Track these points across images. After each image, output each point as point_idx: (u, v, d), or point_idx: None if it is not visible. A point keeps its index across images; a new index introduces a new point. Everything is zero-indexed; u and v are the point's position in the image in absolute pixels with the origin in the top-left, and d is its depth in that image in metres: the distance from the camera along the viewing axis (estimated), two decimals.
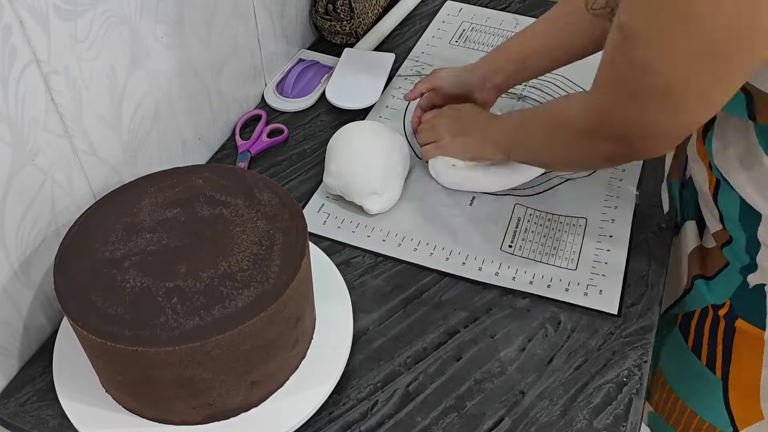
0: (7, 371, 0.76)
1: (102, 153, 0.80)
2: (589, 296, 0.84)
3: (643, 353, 0.79)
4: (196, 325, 0.62)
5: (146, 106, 0.85)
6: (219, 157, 1.02)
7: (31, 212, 0.73)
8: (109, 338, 0.61)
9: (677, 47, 0.56)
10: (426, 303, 0.84)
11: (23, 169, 0.70)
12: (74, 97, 0.73)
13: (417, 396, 0.75)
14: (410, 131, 1.06)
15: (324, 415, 0.73)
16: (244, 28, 1.02)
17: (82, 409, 0.70)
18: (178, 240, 0.69)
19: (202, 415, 0.68)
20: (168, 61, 0.86)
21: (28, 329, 0.77)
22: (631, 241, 0.90)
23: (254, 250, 0.68)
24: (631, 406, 0.74)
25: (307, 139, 1.05)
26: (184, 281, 0.65)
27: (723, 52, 0.55)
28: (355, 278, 0.86)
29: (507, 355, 0.79)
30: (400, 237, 0.91)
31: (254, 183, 0.74)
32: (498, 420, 0.73)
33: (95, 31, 0.73)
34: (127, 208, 0.72)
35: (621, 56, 0.62)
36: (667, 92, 0.59)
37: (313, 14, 1.20)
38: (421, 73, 1.16)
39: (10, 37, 0.63)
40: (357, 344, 0.79)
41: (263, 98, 1.12)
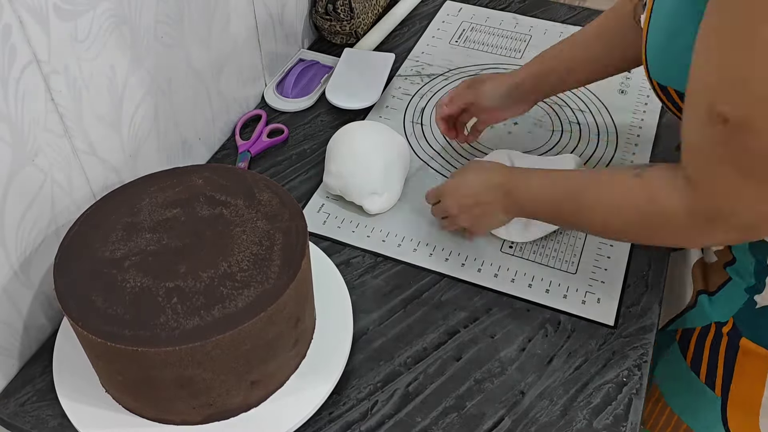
0: (7, 371, 0.76)
1: (102, 153, 0.80)
2: (587, 305, 0.83)
3: (643, 353, 0.79)
4: (196, 325, 0.62)
5: (146, 106, 0.85)
6: (219, 157, 1.02)
7: (31, 212, 0.73)
8: (109, 338, 0.61)
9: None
10: (426, 303, 0.84)
11: (23, 169, 0.70)
12: (74, 97, 0.73)
13: (417, 396, 0.75)
14: (410, 131, 1.06)
15: (324, 415, 0.73)
16: (244, 28, 1.02)
17: (82, 409, 0.70)
18: (178, 240, 0.69)
19: (202, 415, 0.68)
20: (168, 61, 0.86)
21: (28, 329, 0.77)
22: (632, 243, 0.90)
23: (254, 250, 0.68)
24: (631, 406, 0.74)
25: (307, 139, 1.05)
26: (184, 281, 0.65)
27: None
28: (355, 278, 0.86)
29: (507, 355, 0.79)
30: (399, 237, 0.91)
31: (254, 183, 0.74)
32: (498, 420, 0.73)
33: (95, 31, 0.73)
34: (127, 208, 0.72)
35: (733, 149, 0.59)
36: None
37: (313, 14, 1.20)
38: (421, 73, 1.16)
39: (10, 37, 0.63)
40: (357, 344, 0.79)
41: (263, 98, 1.12)
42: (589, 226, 0.77)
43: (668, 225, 0.67)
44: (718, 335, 0.81)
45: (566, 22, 1.28)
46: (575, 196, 0.74)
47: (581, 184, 0.75)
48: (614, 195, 0.71)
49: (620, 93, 1.13)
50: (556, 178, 0.78)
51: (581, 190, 0.74)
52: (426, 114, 1.09)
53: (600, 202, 0.72)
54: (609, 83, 1.14)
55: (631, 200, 0.69)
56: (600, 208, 0.72)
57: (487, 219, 0.84)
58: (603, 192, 0.72)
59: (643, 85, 1.14)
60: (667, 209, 0.66)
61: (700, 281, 0.85)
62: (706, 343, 0.82)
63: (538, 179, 0.79)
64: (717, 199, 0.62)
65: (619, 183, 0.70)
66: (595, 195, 0.73)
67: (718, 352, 0.81)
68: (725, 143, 0.59)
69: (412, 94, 1.13)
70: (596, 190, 0.73)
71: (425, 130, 1.06)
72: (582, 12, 1.31)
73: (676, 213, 0.65)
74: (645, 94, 1.13)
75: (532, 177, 0.80)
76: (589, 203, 0.73)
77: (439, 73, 1.16)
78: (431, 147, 1.03)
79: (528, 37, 1.24)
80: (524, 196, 0.79)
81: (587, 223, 0.76)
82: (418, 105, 1.10)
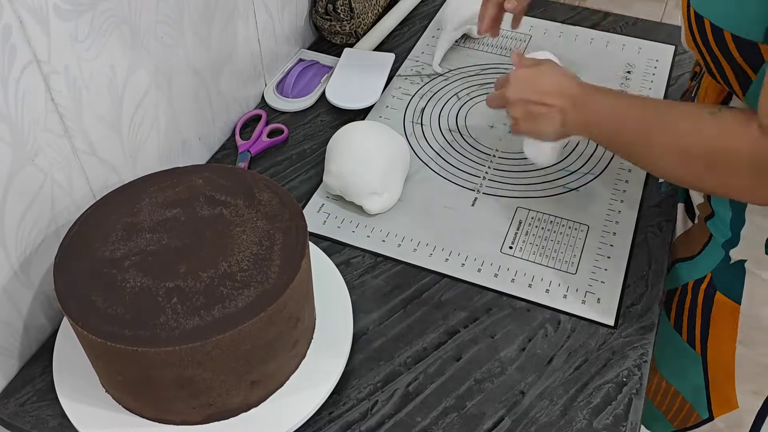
0: (7, 371, 0.76)
1: (102, 153, 0.80)
2: (587, 305, 0.83)
3: (643, 353, 0.79)
4: (196, 325, 0.62)
5: (146, 106, 0.85)
6: (219, 157, 1.02)
7: (31, 212, 0.73)
8: (109, 338, 0.61)
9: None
10: (426, 303, 0.84)
11: (23, 169, 0.70)
12: (74, 97, 0.73)
13: (417, 396, 0.75)
14: (410, 131, 1.06)
15: (324, 415, 0.73)
16: (244, 28, 1.02)
17: (82, 409, 0.70)
18: (178, 240, 0.69)
19: (202, 415, 0.68)
20: (168, 62, 0.86)
21: (28, 329, 0.77)
22: (632, 242, 0.90)
23: (254, 250, 0.68)
24: (631, 406, 0.74)
25: (306, 139, 1.05)
26: (184, 281, 0.65)
27: None
28: (355, 278, 0.86)
29: (507, 355, 0.79)
30: (399, 237, 0.91)
31: (254, 183, 0.74)
32: (498, 420, 0.73)
33: (95, 31, 0.73)
34: (127, 208, 0.72)
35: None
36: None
37: (313, 14, 1.20)
38: (421, 73, 1.16)
39: (10, 37, 0.63)
40: (357, 344, 0.79)
41: (263, 98, 1.12)
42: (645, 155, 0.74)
43: (731, 166, 0.66)
44: (695, 293, 0.83)
45: (566, 22, 1.28)
46: (640, 120, 0.73)
47: (654, 111, 0.73)
48: (685, 125, 0.69)
49: None
50: (628, 99, 0.77)
51: (653, 117, 0.72)
52: (426, 114, 1.09)
53: (664, 130, 0.70)
54: (609, 84, 1.14)
55: (701, 133, 0.67)
56: (663, 137, 0.70)
57: (542, 122, 0.80)
58: (674, 121, 0.70)
59: (643, 85, 1.14)
60: (734, 149, 0.65)
61: (680, 250, 0.88)
62: (686, 301, 0.85)
63: (609, 96, 0.77)
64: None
65: (692, 115, 0.69)
66: (665, 122, 0.71)
67: (696, 310, 0.83)
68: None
69: (412, 94, 1.13)
70: (668, 119, 0.71)
71: (425, 130, 1.06)
72: (582, 12, 1.31)
73: (741, 155, 0.64)
74: (645, 94, 1.13)
75: (607, 95, 0.78)
76: (651, 129, 0.71)
77: (438, 73, 1.16)
78: (431, 147, 1.03)
79: (528, 37, 1.24)
80: (593, 110, 0.77)
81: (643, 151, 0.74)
82: (418, 105, 1.10)
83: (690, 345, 0.85)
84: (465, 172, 1.00)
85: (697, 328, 0.84)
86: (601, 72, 1.16)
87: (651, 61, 1.19)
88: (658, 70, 1.17)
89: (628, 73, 1.16)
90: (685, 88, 1.08)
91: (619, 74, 1.16)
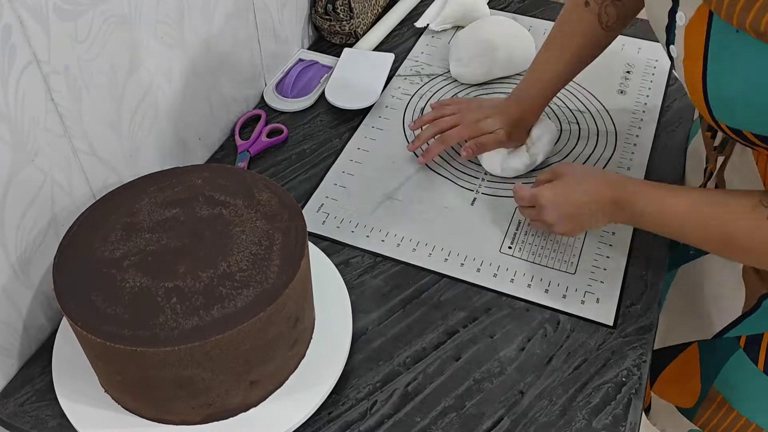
0: (6, 371, 0.76)
1: (102, 153, 0.80)
2: (586, 305, 0.83)
3: (643, 353, 0.79)
4: (195, 325, 0.62)
5: (146, 106, 0.85)
6: (218, 157, 1.02)
7: (31, 212, 0.73)
8: (108, 338, 0.61)
9: None
10: (425, 303, 0.84)
11: (23, 169, 0.70)
12: (74, 97, 0.73)
13: (416, 396, 0.75)
14: (410, 131, 1.06)
15: (323, 415, 0.73)
16: (244, 28, 1.02)
17: (82, 409, 0.70)
18: (177, 240, 0.69)
19: (202, 415, 0.68)
20: (168, 61, 0.87)
21: (27, 329, 0.77)
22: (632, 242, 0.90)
23: (253, 250, 0.68)
24: (630, 405, 0.74)
25: (306, 139, 1.05)
26: (183, 281, 0.65)
27: None
28: (354, 278, 0.86)
29: (506, 354, 0.79)
30: (399, 237, 0.91)
31: (254, 183, 0.74)
32: (497, 420, 0.73)
33: (95, 31, 0.73)
34: (126, 208, 0.72)
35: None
36: None
37: (312, 14, 1.20)
38: (421, 73, 1.16)
39: (10, 37, 0.63)
40: (356, 344, 0.79)
41: (263, 98, 1.12)
42: (711, 249, 0.78)
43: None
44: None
45: None
46: (699, 226, 0.73)
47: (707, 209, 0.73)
48: (743, 226, 0.69)
49: (620, 93, 1.13)
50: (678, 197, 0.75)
51: (706, 220, 0.72)
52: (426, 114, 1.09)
53: (727, 234, 0.71)
54: (609, 84, 1.14)
55: (762, 235, 0.68)
56: (727, 241, 0.71)
57: (587, 224, 0.83)
58: (732, 221, 0.70)
59: (643, 85, 1.14)
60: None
61: (759, 285, 0.81)
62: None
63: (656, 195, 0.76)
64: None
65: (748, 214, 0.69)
66: (722, 227, 0.71)
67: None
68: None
69: (412, 94, 1.13)
70: (724, 221, 0.71)
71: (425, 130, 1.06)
72: None
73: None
74: (645, 94, 1.13)
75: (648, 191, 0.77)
76: (713, 234, 0.72)
77: (438, 73, 1.17)
78: None
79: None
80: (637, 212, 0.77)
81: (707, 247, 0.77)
82: (417, 105, 1.11)
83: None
84: (464, 172, 1.00)
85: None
86: (601, 72, 1.16)
87: (651, 61, 1.19)
88: (658, 70, 1.17)
89: (628, 73, 1.16)
90: (680, 107, 1.08)
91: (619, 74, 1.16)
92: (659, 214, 0.76)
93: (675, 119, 1.09)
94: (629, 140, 1.05)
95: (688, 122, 1.08)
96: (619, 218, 0.80)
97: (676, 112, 1.09)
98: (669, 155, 1.03)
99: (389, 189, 0.97)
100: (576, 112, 1.09)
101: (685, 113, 1.09)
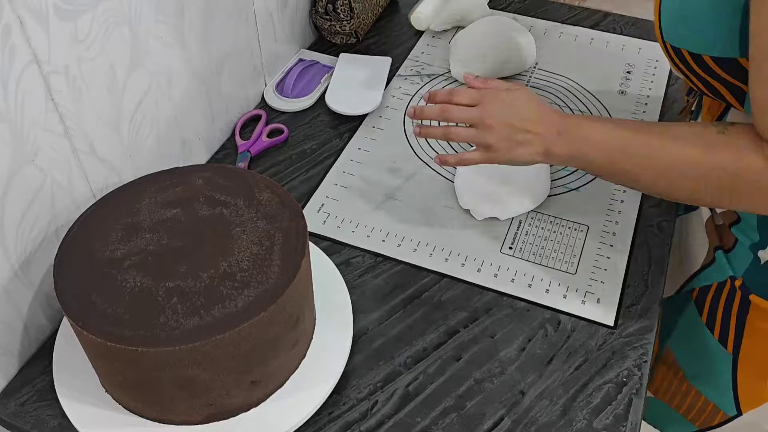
0: (7, 371, 0.76)
1: (102, 153, 0.80)
2: (587, 305, 0.83)
3: (643, 353, 0.79)
4: (196, 325, 0.62)
5: (146, 106, 0.85)
6: (219, 157, 1.02)
7: (31, 212, 0.73)
8: (109, 338, 0.61)
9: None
10: (426, 303, 0.84)
11: (23, 169, 0.70)
12: (74, 97, 0.73)
13: (417, 396, 0.75)
14: (410, 131, 1.06)
15: (324, 415, 0.73)
16: (244, 28, 1.02)
17: (82, 409, 0.70)
18: (178, 240, 0.69)
19: (202, 415, 0.68)
20: (168, 61, 0.86)
21: (28, 329, 0.77)
22: (632, 242, 0.90)
23: (254, 250, 0.68)
24: (631, 406, 0.74)
25: (307, 139, 1.05)
26: (184, 281, 0.65)
27: None
28: (355, 278, 0.86)
29: (507, 355, 0.79)
30: (399, 237, 0.91)
31: (254, 183, 0.74)
32: (498, 420, 0.73)
33: (95, 31, 0.73)
34: (127, 208, 0.72)
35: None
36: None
37: (313, 14, 1.20)
38: (421, 73, 1.16)
39: (10, 37, 0.63)
40: (357, 344, 0.79)
41: (263, 98, 1.12)
42: (653, 182, 0.71)
43: (753, 187, 0.65)
44: (732, 290, 0.80)
45: (566, 22, 1.28)
46: (644, 147, 0.70)
47: (659, 137, 0.69)
48: (696, 150, 0.67)
49: (620, 94, 1.13)
50: (624, 124, 0.72)
51: (652, 141, 0.69)
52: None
53: (675, 156, 0.68)
54: (609, 84, 1.14)
55: (716, 158, 0.66)
56: (675, 164, 0.68)
57: (522, 150, 0.75)
58: (683, 146, 0.67)
59: (643, 85, 1.14)
60: (754, 171, 0.64)
61: (716, 238, 0.84)
62: (721, 298, 0.82)
63: (601, 123, 0.73)
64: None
65: (701, 138, 0.67)
66: (670, 148, 0.68)
67: (732, 308, 0.81)
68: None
69: (412, 94, 1.13)
70: (676, 144, 0.68)
71: None
72: (581, 12, 1.31)
73: (762, 176, 0.64)
74: (645, 94, 1.13)
75: (598, 123, 0.74)
76: (659, 155, 0.68)
77: (439, 74, 1.17)
78: (431, 147, 1.03)
79: None
80: (583, 139, 0.73)
81: (651, 179, 0.71)
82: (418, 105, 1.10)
83: (722, 344, 0.83)
84: None
85: (732, 326, 0.82)
86: (601, 72, 1.16)
87: (651, 61, 1.19)
88: (658, 70, 1.17)
89: (628, 73, 1.16)
90: (682, 105, 1.08)
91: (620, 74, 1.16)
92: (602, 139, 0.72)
93: (676, 119, 1.09)
94: None
95: None
96: (560, 148, 0.74)
97: (677, 113, 1.09)
98: None
99: (390, 189, 0.97)
100: (577, 113, 1.09)
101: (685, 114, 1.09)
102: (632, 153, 0.71)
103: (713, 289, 0.84)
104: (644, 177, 0.72)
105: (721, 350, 0.83)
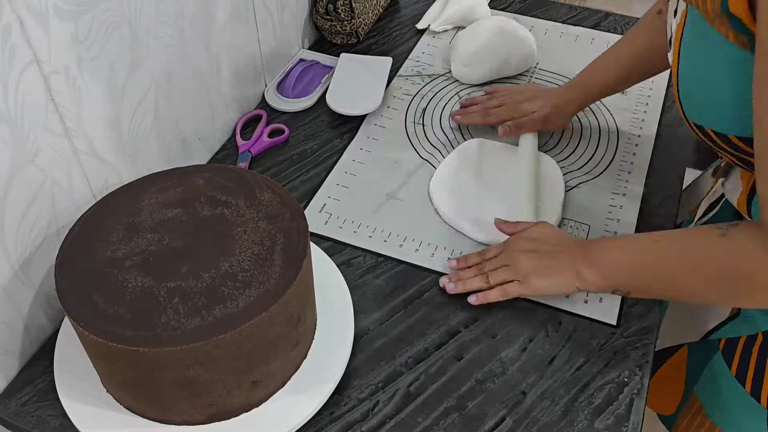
0: (8, 371, 0.76)
1: (102, 153, 0.80)
2: (589, 304, 0.83)
3: (645, 353, 0.78)
4: (197, 326, 0.61)
5: (146, 106, 0.85)
6: (220, 157, 1.02)
7: (31, 212, 0.72)
8: (110, 338, 0.61)
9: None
10: (427, 303, 0.83)
11: (23, 169, 0.69)
12: (74, 97, 0.73)
13: (418, 396, 0.75)
14: (412, 131, 1.06)
15: (325, 415, 0.73)
16: (244, 28, 1.02)
17: (83, 409, 0.70)
18: (179, 240, 0.69)
19: (204, 415, 0.68)
20: (168, 61, 0.86)
21: (28, 329, 0.77)
22: None
23: (255, 251, 0.67)
24: (633, 406, 0.74)
25: (307, 139, 1.05)
26: (185, 281, 0.65)
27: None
28: (356, 278, 0.86)
29: (508, 355, 0.79)
30: (401, 237, 0.91)
31: (255, 183, 0.74)
32: (499, 420, 0.73)
33: (95, 31, 0.73)
34: (128, 209, 0.72)
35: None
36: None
37: (313, 14, 1.20)
38: (422, 73, 1.16)
39: (10, 37, 0.63)
40: (358, 344, 0.79)
41: (264, 98, 1.12)
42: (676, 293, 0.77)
43: (757, 287, 0.66)
44: (764, 345, 0.78)
45: (566, 22, 1.28)
46: (665, 266, 0.73)
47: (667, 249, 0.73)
48: (699, 257, 0.69)
49: (621, 93, 1.12)
50: (641, 242, 0.77)
51: (668, 256, 0.73)
52: (427, 114, 1.09)
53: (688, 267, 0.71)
54: None
55: (717, 261, 0.68)
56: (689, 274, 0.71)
57: (552, 274, 0.80)
58: (688, 255, 0.70)
59: (644, 85, 1.14)
60: (758, 272, 0.64)
61: None
62: (752, 351, 0.80)
63: (620, 243, 0.79)
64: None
65: (703, 243, 0.69)
66: (681, 259, 0.71)
67: (766, 361, 0.78)
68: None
69: (413, 94, 1.12)
70: (682, 254, 0.71)
71: (426, 130, 1.06)
72: (582, 12, 1.31)
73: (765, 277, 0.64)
74: (645, 94, 1.13)
75: (613, 240, 0.80)
76: (679, 271, 0.71)
77: (439, 74, 1.16)
78: (433, 146, 1.03)
79: None
80: (604, 258, 0.77)
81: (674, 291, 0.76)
82: (419, 105, 1.10)
83: (754, 397, 0.80)
84: None
85: (765, 381, 0.79)
86: None
87: None
88: None
89: None
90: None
91: None
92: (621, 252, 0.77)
93: (677, 119, 1.09)
94: (630, 140, 1.05)
95: None
96: (586, 271, 0.78)
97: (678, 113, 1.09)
98: (670, 155, 1.03)
99: (391, 189, 0.97)
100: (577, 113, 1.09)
101: None
102: (649, 273, 0.75)
103: (742, 342, 0.81)
104: (665, 291, 0.78)
105: (754, 405, 0.81)
